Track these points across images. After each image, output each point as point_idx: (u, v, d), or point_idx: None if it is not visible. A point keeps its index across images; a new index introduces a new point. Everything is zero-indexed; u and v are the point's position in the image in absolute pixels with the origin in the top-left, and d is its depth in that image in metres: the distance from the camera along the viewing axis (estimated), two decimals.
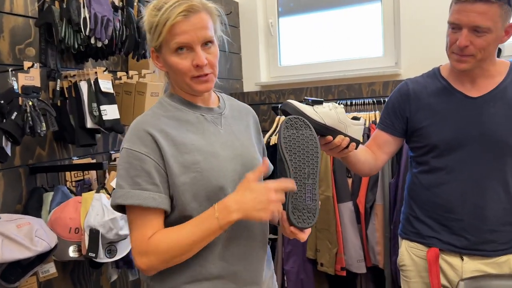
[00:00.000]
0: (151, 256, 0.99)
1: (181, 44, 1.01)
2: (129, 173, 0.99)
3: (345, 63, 3.07)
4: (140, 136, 1.01)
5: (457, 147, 1.38)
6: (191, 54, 1.02)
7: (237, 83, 3.29)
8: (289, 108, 1.21)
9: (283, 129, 1.10)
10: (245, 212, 0.97)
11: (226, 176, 1.06)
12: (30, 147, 1.78)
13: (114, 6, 1.81)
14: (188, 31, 1.00)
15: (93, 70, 1.78)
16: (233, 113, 1.19)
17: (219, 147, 1.08)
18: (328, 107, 1.25)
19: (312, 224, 1.06)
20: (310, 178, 1.07)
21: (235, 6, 3.26)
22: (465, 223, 1.39)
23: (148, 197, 0.98)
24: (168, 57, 1.03)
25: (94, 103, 1.76)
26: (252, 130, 1.23)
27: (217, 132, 1.10)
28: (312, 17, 3.17)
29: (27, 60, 1.76)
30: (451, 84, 1.42)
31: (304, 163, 1.08)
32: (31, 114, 1.47)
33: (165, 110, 1.08)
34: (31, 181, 1.78)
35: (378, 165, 1.52)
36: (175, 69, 1.04)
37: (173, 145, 1.02)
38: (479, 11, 1.23)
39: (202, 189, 1.03)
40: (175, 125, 1.05)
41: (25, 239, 1.32)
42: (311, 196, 1.06)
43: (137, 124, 1.04)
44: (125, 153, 1.01)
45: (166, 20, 0.99)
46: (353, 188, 2.35)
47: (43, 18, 1.67)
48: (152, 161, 1.00)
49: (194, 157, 1.03)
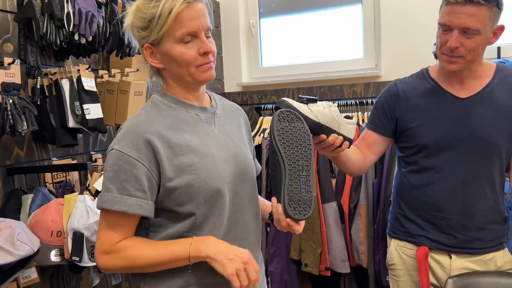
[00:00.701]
0: (114, 258, 0.99)
1: (189, 32, 0.99)
2: (118, 176, 0.97)
3: (326, 64, 3.09)
4: (133, 139, 0.98)
5: (446, 147, 1.40)
6: (196, 42, 1.01)
7: (219, 84, 3.26)
8: (284, 106, 1.20)
9: (276, 121, 1.09)
10: (217, 253, 0.97)
11: (222, 178, 1.05)
12: (8, 147, 1.70)
13: (97, 2, 1.75)
14: (194, 18, 0.98)
15: (75, 67, 1.72)
16: (225, 113, 1.17)
17: (214, 147, 1.06)
18: (322, 106, 1.24)
19: (308, 215, 1.05)
20: (305, 170, 1.07)
21: (216, 6, 3.24)
22: (453, 221, 1.41)
23: (135, 204, 0.97)
24: (172, 48, 1.00)
25: (76, 102, 1.70)
26: (244, 129, 1.22)
27: (211, 132, 1.08)
28: (293, 19, 3.18)
29: (5, 56, 1.68)
30: (440, 85, 1.44)
31: (298, 155, 1.07)
32: (12, 112, 1.41)
33: (159, 109, 1.05)
34: (8, 182, 1.70)
35: (366, 165, 1.53)
36: (180, 60, 1.01)
37: (168, 147, 1.00)
38: (469, 13, 1.26)
39: (199, 191, 1.01)
40: (170, 125, 1.03)
41: (7, 243, 1.25)
42: (305, 188, 1.06)
43: (131, 126, 1.00)
44: (115, 155, 0.98)
45: (171, 9, 0.96)
46: (337, 188, 2.36)
47: (23, 13, 1.60)
48: (143, 166, 0.97)
49: (190, 159, 1.01)
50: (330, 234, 2.31)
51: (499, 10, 1.29)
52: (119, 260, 0.99)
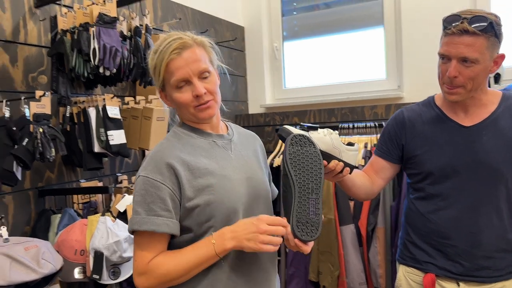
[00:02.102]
0: (150, 277, 1.05)
1: (179, 80, 1.09)
2: (145, 199, 1.05)
3: (348, 86, 3.13)
4: (157, 165, 1.07)
5: (451, 175, 1.41)
6: (190, 86, 1.10)
7: (243, 105, 3.36)
8: (285, 133, 1.26)
9: (289, 145, 1.15)
10: (238, 240, 1.03)
11: (238, 198, 1.12)
12: (40, 171, 1.85)
13: (122, 36, 1.90)
14: (183, 66, 1.08)
15: (101, 96, 1.85)
16: (241, 139, 1.26)
17: (231, 170, 1.14)
18: (322, 133, 1.29)
19: (315, 237, 1.10)
20: (314, 193, 1.12)
21: (241, 30, 3.36)
22: (459, 249, 1.41)
23: (162, 224, 1.04)
24: (171, 93, 1.12)
25: (101, 128, 1.83)
26: (260, 155, 1.30)
27: (227, 156, 1.17)
28: (317, 41, 3.24)
29: (39, 87, 1.85)
30: (445, 113, 1.46)
31: (308, 178, 1.13)
32: (41, 141, 1.54)
33: (179, 138, 1.15)
34: (40, 203, 1.84)
35: (374, 190, 1.56)
36: (178, 103, 1.12)
37: (188, 170, 1.08)
38: (466, 43, 1.28)
39: (217, 210, 1.08)
40: (189, 151, 1.12)
41: (32, 262, 1.37)
42: (314, 210, 1.11)
43: (155, 153, 1.10)
44: (142, 181, 1.07)
45: (162, 61, 1.09)
46: (355, 211, 2.37)
47: (55, 48, 1.76)
48: (167, 188, 1.06)
49: (208, 180, 1.09)
50: (348, 256, 2.32)
51: (497, 40, 1.30)
52: (155, 279, 1.04)
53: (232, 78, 3.23)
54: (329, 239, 2.37)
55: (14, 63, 1.76)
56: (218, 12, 3.08)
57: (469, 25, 1.28)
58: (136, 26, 1.91)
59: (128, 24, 1.93)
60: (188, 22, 2.78)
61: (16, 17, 1.77)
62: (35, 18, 1.84)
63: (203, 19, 2.93)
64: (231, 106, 3.22)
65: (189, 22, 2.79)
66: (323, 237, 2.40)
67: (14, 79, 1.76)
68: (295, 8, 3.32)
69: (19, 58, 1.78)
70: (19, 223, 1.76)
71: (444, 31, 1.34)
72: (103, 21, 1.68)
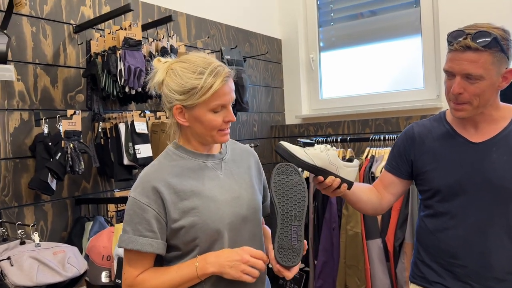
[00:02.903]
0: None
1: (220, 105, 1.15)
2: (132, 219, 1.14)
3: (384, 96, 3.08)
4: (144, 187, 1.15)
5: (459, 193, 1.37)
6: (223, 111, 1.17)
7: (279, 116, 3.41)
8: (280, 150, 1.29)
9: (274, 174, 1.20)
10: (220, 267, 1.10)
11: (223, 219, 1.17)
12: (77, 181, 2.03)
13: (151, 55, 2.04)
14: (227, 94, 1.15)
15: (130, 113, 2.00)
16: (234, 157, 1.30)
17: (217, 191, 1.19)
18: (319, 149, 1.31)
19: (296, 264, 1.13)
20: (297, 220, 1.16)
21: (278, 42, 3.42)
22: (469, 270, 1.36)
23: (146, 244, 1.13)
24: (203, 114, 1.15)
25: (130, 143, 1.97)
26: (254, 170, 1.33)
27: (216, 177, 1.22)
28: (354, 51, 3.23)
29: (77, 105, 2.03)
30: (454, 129, 1.41)
31: (291, 206, 1.17)
32: (71, 155, 1.70)
33: (170, 159, 1.21)
34: (76, 211, 2.02)
35: (383, 206, 1.54)
36: (207, 124, 1.16)
37: (173, 193, 1.15)
38: (469, 60, 1.24)
39: (201, 231, 1.15)
40: (177, 173, 1.18)
41: (58, 265, 1.51)
42: (296, 237, 1.15)
43: (143, 175, 1.18)
44: (131, 201, 1.16)
45: (212, 85, 1.12)
46: (383, 225, 2.33)
47: (89, 70, 1.93)
48: (152, 210, 1.13)
49: (193, 202, 1.16)
50: (374, 271, 2.28)
51: (504, 55, 1.25)
52: None
53: (268, 89, 3.30)
54: (355, 253, 2.34)
55: (55, 84, 1.96)
56: (253, 26, 3.17)
57: (472, 41, 1.24)
58: (163, 46, 2.04)
59: (156, 44, 2.06)
60: (222, 37, 2.89)
61: (57, 42, 1.97)
62: (73, 43, 2.03)
63: (238, 34, 3.03)
64: (267, 117, 3.28)
65: (223, 38, 2.90)
66: (350, 251, 2.38)
67: (54, 99, 1.95)
68: (333, 19, 3.32)
69: (59, 79, 1.97)
70: (57, 228, 1.94)
71: (448, 47, 1.31)
72: (128, 44, 1.82)
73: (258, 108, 3.20)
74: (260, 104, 3.22)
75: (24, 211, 1.83)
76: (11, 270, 1.43)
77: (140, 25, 1.91)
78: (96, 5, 2.13)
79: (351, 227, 2.37)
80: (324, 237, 2.51)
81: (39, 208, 1.89)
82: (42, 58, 1.91)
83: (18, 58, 1.83)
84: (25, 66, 1.85)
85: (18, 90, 1.83)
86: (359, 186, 1.51)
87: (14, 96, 1.81)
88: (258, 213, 1.27)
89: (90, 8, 2.10)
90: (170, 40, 2.08)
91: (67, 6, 2.01)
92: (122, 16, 2.11)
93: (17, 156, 1.81)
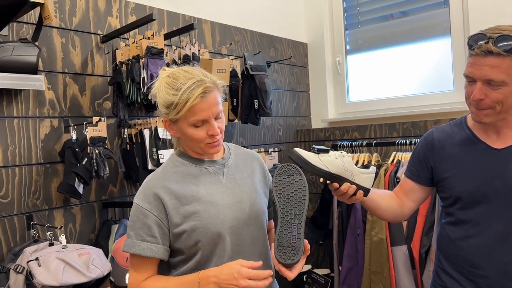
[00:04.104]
0: None
1: (199, 121, 1.16)
2: (135, 224, 1.18)
3: (412, 99, 3.01)
4: (146, 194, 1.19)
5: (481, 200, 1.33)
6: (205, 125, 1.17)
7: (305, 120, 3.41)
8: (294, 156, 1.29)
9: (276, 175, 1.22)
10: (220, 284, 1.10)
11: (224, 223, 1.19)
12: (104, 185, 2.11)
13: (174, 63, 2.09)
14: (206, 109, 1.15)
15: (154, 119, 2.06)
16: (237, 162, 1.32)
17: (218, 196, 1.22)
18: (334, 156, 1.30)
19: (295, 262, 1.13)
20: (296, 218, 1.17)
21: (303, 46, 3.42)
22: (491, 280, 1.31)
23: (147, 248, 1.16)
24: (185, 128, 1.18)
25: (153, 148, 2.03)
26: (258, 175, 1.34)
27: (218, 182, 1.24)
28: (382, 53, 3.18)
29: (104, 112, 2.11)
30: (476, 135, 1.37)
31: (291, 205, 1.18)
32: (97, 161, 1.77)
33: (173, 166, 1.25)
34: (103, 214, 2.09)
35: (404, 213, 1.51)
36: (191, 138, 1.19)
37: (175, 198, 1.18)
38: (491, 65, 1.20)
39: (202, 235, 1.17)
40: (179, 179, 1.21)
41: (83, 267, 1.58)
42: (295, 235, 1.15)
43: (146, 182, 1.22)
44: (134, 207, 1.20)
45: (186, 101, 1.12)
46: (408, 232, 2.28)
47: (114, 78, 2.00)
48: (153, 216, 1.17)
49: (194, 207, 1.18)
50: (399, 278, 2.23)
51: None
52: None
53: (293, 93, 3.30)
54: (380, 259, 2.30)
55: (83, 92, 2.04)
56: (278, 31, 3.18)
57: (494, 46, 1.20)
58: (185, 54, 2.09)
59: (179, 52, 2.11)
60: (247, 43, 2.92)
61: (85, 52, 2.06)
62: (101, 52, 2.11)
63: (262, 39, 3.05)
64: (292, 121, 3.28)
65: (248, 43, 2.93)
66: (374, 257, 2.34)
67: (82, 106, 2.04)
68: (359, 22, 3.29)
69: (87, 87, 2.06)
70: (85, 231, 2.02)
71: (469, 51, 1.27)
72: (150, 53, 1.88)
73: (284, 112, 3.20)
74: (286, 109, 3.22)
75: (54, 213, 1.92)
76: (38, 270, 1.50)
77: (162, 34, 1.96)
78: (123, 15, 2.21)
79: (376, 233, 2.33)
80: (348, 243, 2.49)
81: (68, 211, 1.97)
82: (71, 67, 2.00)
83: (48, 68, 1.92)
84: (55, 75, 1.95)
85: (49, 98, 1.92)
86: (378, 192, 1.49)
87: (45, 105, 1.91)
88: (260, 217, 1.28)
89: (116, 18, 2.18)
90: (192, 47, 2.12)
91: (95, 17, 2.09)
92: (147, 25, 2.17)
93: (48, 161, 1.90)
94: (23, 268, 1.54)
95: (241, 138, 2.85)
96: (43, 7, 1.66)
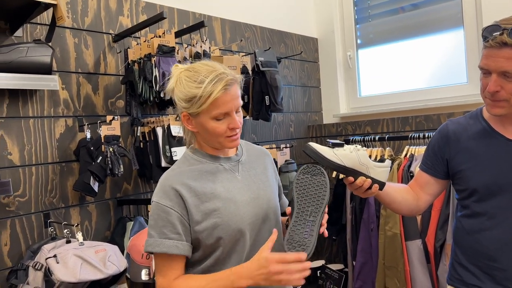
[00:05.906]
0: None
1: (222, 113, 1.16)
2: (157, 223, 1.18)
3: (425, 92, 2.98)
4: (166, 191, 1.19)
5: (498, 192, 1.31)
6: (227, 119, 1.18)
7: (316, 115, 3.40)
8: (308, 150, 1.29)
9: (299, 173, 1.22)
10: (253, 280, 1.09)
11: (243, 220, 1.20)
12: (118, 183, 2.13)
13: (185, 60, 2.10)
14: (228, 102, 1.16)
15: (167, 117, 2.07)
16: (250, 158, 1.32)
17: (236, 192, 1.22)
18: (348, 150, 1.30)
19: None
20: (312, 215, 1.17)
21: (314, 42, 3.40)
22: (509, 273, 1.30)
23: (172, 246, 1.15)
24: (206, 122, 1.17)
25: (166, 146, 2.04)
26: (270, 170, 1.35)
27: (234, 178, 1.25)
28: (393, 47, 3.15)
29: (117, 111, 2.13)
30: (492, 127, 1.36)
31: (310, 202, 1.18)
32: (111, 159, 1.79)
33: (188, 163, 1.25)
34: (118, 211, 2.12)
35: (420, 206, 1.50)
36: (212, 132, 1.18)
37: (195, 196, 1.18)
38: (506, 56, 1.19)
39: (223, 232, 1.17)
40: (196, 177, 1.21)
41: (100, 263, 1.60)
42: (308, 231, 1.15)
43: (164, 180, 1.22)
44: (154, 206, 1.19)
45: (210, 94, 1.12)
46: (423, 226, 2.26)
47: (127, 77, 2.02)
48: (176, 213, 1.17)
49: (214, 204, 1.18)
50: (414, 273, 2.22)
51: None
52: None
53: (304, 89, 3.29)
54: (394, 254, 2.29)
55: (96, 91, 2.07)
56: (288, 27, 3.17)
57: (509, 37, 1.18)
58: (197, 51, 2.10)
59: (190, 50, 2.12)
60: (257, 39, 2.92)
61: (97, 52, 2.08)
62: (113, 51, 2.13)
63: (273, 35, 3.04)
64: (303, 117, 3.27)
65: (258, 40, 2.93)
66: (388, 252, 2.33)
67: (96, 105, 2.06)
68: (370, 15, 3.26)
69: (100, 86, 2.08)
70: (101, 228, 2.05)
71: (484, 43, 1.26)
72: (162, 51, 1.89)
73: (295, 108, 3.20)
74: (297, 104, 3.22)
75: (71, 211, 1.95)
76: (57, 267, 1.53)
77: (173, 32, 1.97)
78: (134, 14, 2.22)
79: (390, 228, 2.32)
80: (362, 238, 2.48)
81: (84, 209, 2.00)
82: (84, 67, 2.03)
83: (62, 68, 1.95)
84: (69, 75, 1.97)
85: (63, 98, 1.95)
86: (394, 186, 1.48)
87: (59, 104, 1.93)
88: (277, 212, 1.29)
89: (127, 17, 2.19)
90: (203, 45, 2.13)
91: (106, 17, 2.11)
92: (158, 24, 2.19)
93: (63, 160, 1.93)
94: (42, 265, 1.57)
95: (252, 134, 2.85)
96: (56, 8, 1.68)
